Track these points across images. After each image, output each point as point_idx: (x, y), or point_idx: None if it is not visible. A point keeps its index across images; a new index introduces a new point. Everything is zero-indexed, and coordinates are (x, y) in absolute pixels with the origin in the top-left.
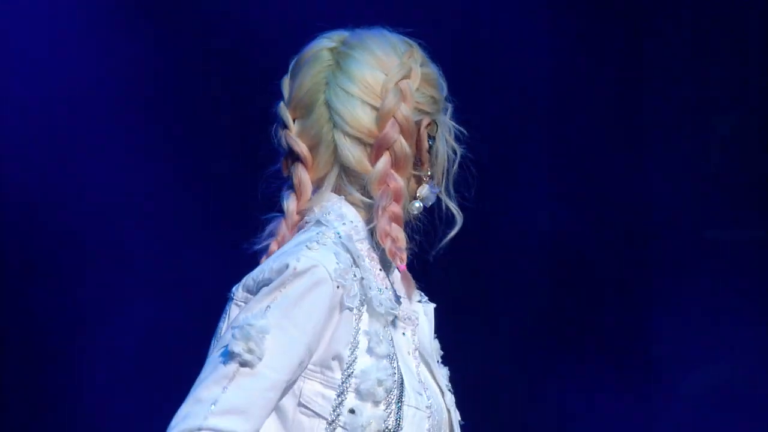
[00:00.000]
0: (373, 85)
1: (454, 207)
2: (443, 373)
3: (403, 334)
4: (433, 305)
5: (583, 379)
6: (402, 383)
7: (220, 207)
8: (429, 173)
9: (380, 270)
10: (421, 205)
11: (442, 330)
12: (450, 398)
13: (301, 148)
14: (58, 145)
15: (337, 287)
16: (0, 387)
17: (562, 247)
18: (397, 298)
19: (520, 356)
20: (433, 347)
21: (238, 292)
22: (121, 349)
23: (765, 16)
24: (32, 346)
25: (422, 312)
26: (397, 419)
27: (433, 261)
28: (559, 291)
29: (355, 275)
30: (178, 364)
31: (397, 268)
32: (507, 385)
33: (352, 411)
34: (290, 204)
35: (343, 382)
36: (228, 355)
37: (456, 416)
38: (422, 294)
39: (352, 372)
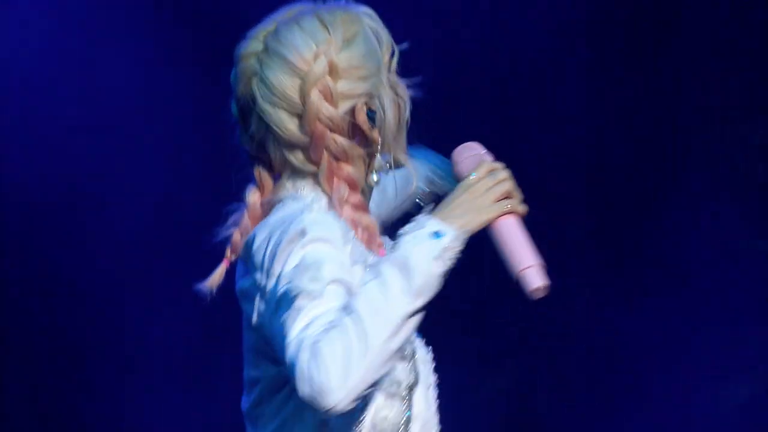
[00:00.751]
0: (292, 95)
1: (409, 167)
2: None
3: None
4: None
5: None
6: (416, 381)
7: (221, 206)
8: (379, 145)
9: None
10: (379, 176)
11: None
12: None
13: (253, 147)
14: (58, 145)
15: (345, 243)
16: (0, 387)
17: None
18: None
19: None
20: None
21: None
22: (121, 349)
23: None
24: (32, 346)
25: None
26: (409, 407)
27: None
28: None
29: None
30: (179, 363)
31: (377, 254)
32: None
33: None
34: (252, 196)
35: None
36: (294, 297)
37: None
38: None
39: None
